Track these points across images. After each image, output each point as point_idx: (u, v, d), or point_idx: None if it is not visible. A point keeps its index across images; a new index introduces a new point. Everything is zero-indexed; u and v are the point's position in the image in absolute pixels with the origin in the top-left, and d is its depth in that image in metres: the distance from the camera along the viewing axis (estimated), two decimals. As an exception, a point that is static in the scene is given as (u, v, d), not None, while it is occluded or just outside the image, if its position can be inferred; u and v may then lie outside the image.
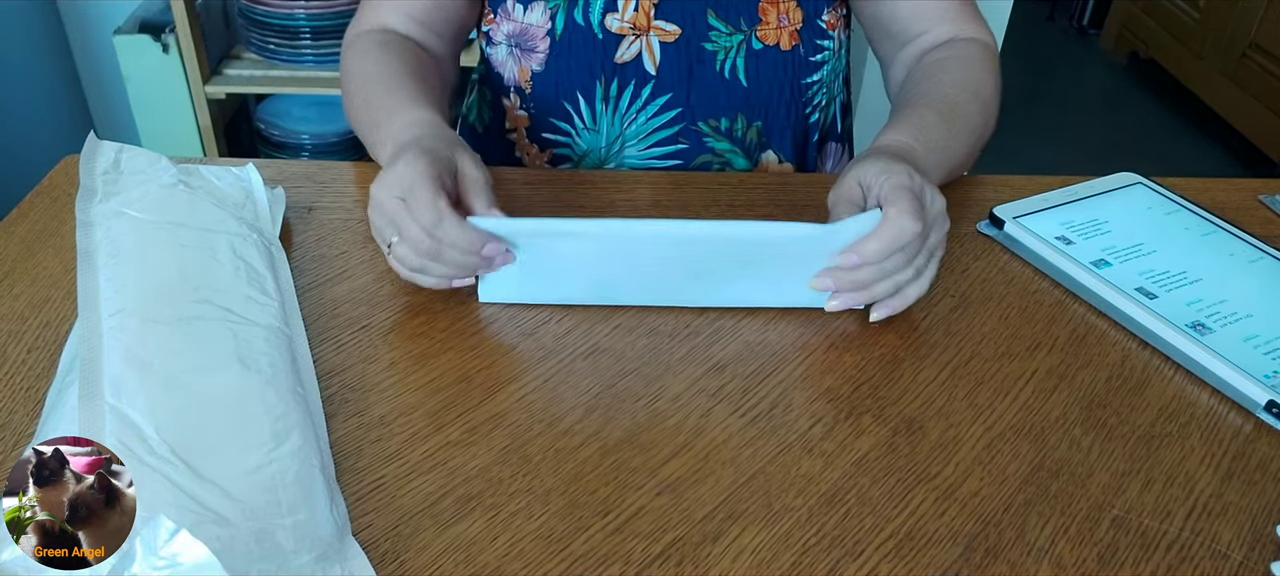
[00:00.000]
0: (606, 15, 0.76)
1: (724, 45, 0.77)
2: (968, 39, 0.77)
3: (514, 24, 0.79)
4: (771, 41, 0.78)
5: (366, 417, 0.52)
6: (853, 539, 0.47)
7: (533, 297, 0.61)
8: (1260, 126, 2.44)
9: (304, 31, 1.62)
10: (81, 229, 0.58)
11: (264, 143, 1.79)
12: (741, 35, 0.77)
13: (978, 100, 0.72)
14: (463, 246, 0.56)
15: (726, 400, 0.54)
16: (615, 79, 0.79)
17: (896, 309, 0.59)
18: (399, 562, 0.45)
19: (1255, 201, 0.76)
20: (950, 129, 0.68)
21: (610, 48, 0.77)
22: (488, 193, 0.59)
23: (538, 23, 0.78)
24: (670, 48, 0.77)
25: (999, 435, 0.53)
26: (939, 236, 0.59)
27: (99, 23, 1.82)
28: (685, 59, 0.78)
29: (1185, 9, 2.74)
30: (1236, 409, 0.56)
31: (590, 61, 0.78)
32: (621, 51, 0.78)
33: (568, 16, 0.77)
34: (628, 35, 0.77)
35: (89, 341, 0.49)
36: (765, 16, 0.77)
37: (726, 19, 0.77)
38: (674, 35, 0.77)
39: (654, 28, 0.77)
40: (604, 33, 0.77)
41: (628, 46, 0.77)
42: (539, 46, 0.79)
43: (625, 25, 0.77)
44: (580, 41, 0.77)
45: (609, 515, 0.47)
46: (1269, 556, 0.47)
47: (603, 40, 0.77)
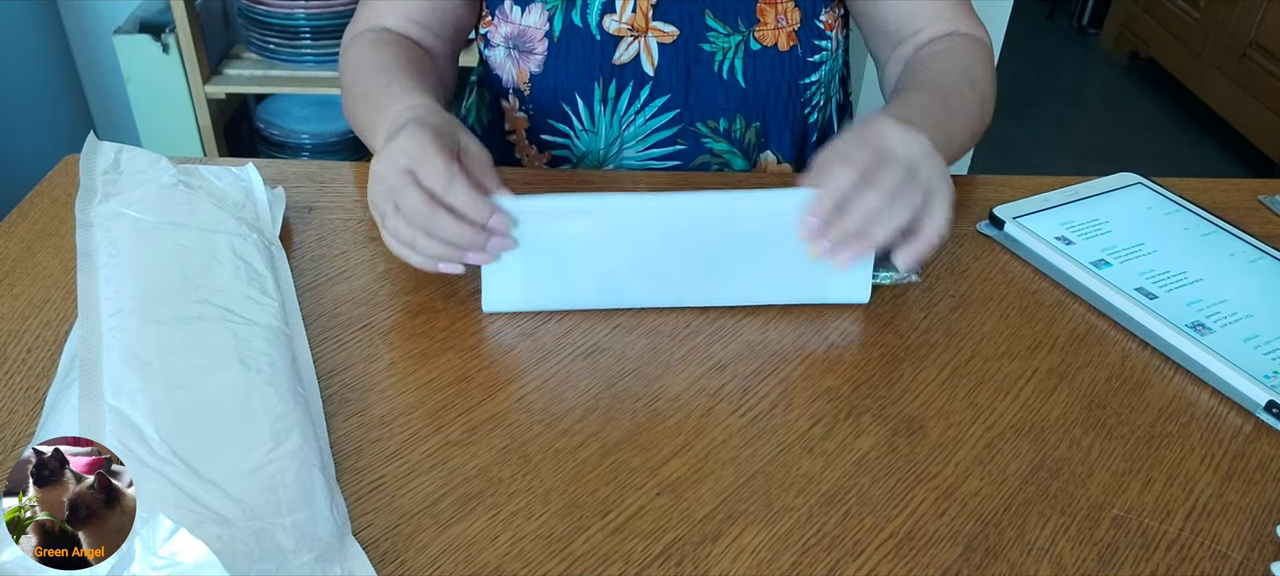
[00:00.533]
0: (604, 16, 0.76)
1: (722, 46, 0.77)
2: (963, 34, 0.77)
3: (512, 26, 0.79)
4: (769, 42, 0.78)
5: (366, 417, 0.52)
6: (853, 539, 0.47)
7: (537, 304, 0.60)
8: (1260, 126, 2.44)
9: (304, 31, 1.62)
10: (81, 229, 0.58)
11: (264, 142, 1.79)
12: (739, 36, 0.77)
13: (973, 89, 0.72)
14: (471, 213, 0.55)
15: (726, 400, 0.54)
16: (613, 80, 0.79)
17: (921, 252, 0.56)
18: (399, 562, 0.45)
19: (1255, 201, 0.76)
20: (945, 108, 0.68)
21: (608, 49, 0.77)
22: (494, 172, 0.59)
23: (536, 24, 0.78)
24: (668, 49, 0.77)
25: (999, 435, 0.53)
26: (930, 171, 0.56)
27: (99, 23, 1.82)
28: (683, 60, 0.78)
29: (1185, 9, 2.74)
30: (1236, 409, 0.56)
31: (589, 63, 0.78)
32: (619, 53, 0.78)
33: (566, 18, 0.77)
34: (625, 36, 0.77)
35: (89, 342, 0.49)
36: (763, 17, 0.77)
37: (724, 20, 0.77)
38: (672, 36, 0.77)
39: (652, 29, 0.77)
40: (602, 34, 0.77)
41: (626, 48, 0.77)
42: (537, 48, 0.79)
43: (623, 26, 0.77)
44: (578, 43, 0.77)
45: (609, 515, 0.47)
46: (1269, 556, 0.47)
47: (601, 42, 0.77)
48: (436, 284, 0.62)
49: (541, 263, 0.59)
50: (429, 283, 0.62)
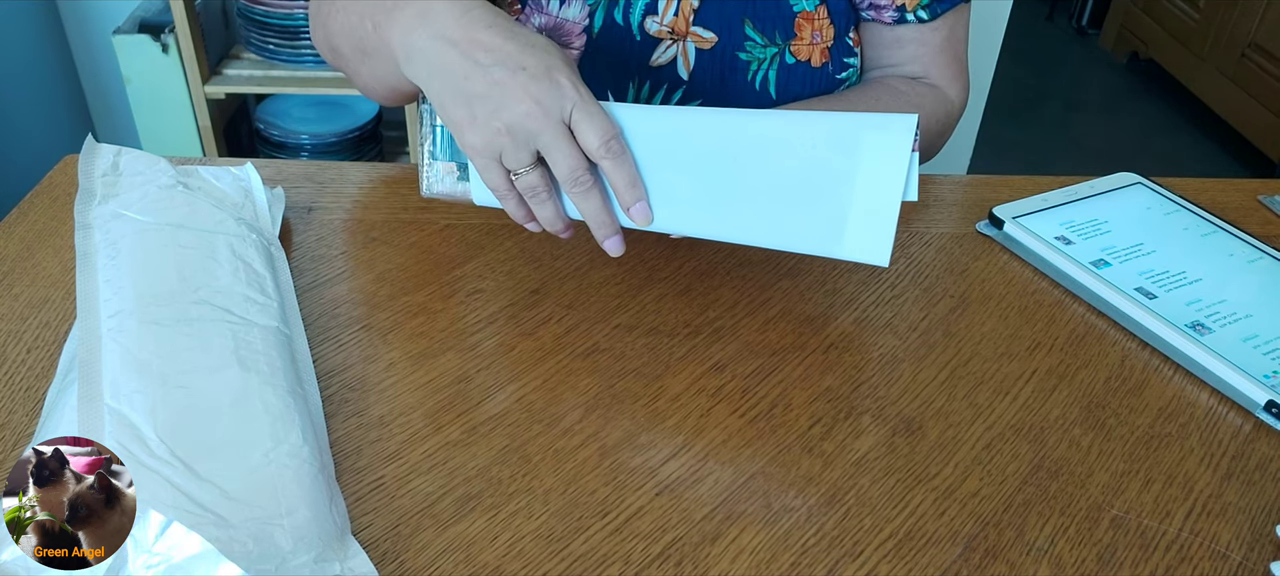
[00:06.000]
0: (646, 17, 0.76)
1: (758, 57, 0.77)
2: (931, 84, 0.77)
3: (547, 17, 0.77)
4: (804, 57, 0.77)
5: (366, 417, 0.52)
6: (852, 539, 0.47)
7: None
8: (1260, 126, 2.44)
9: (304, 31, 1.62)
10: (80, 231, 0.58)
11: (263, 142, 1.79)
12: (776, 49, 0.77)
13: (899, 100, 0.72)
14: (627, 194, 0.51)
15: (726, 400, 0.54)
16: (648, 82, 0.78)
17: None
18: (399, 562, 0.45)
19: (1255, 201, 0.76)
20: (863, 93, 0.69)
21: (647, 50, 0.77)
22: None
23: (574, 18, 0.76)
24: (705, 54, 0.77)
25: (998, 435, 0.53)
26: None
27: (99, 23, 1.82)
28: (718, 66, 0.77)
29: (1185, 9, 2.74)
30: (1236, 409, 0.56)
31: (625, 62, 0.77)
32: (658, 55, 0.77)
33: (607, 15, 0.76)
34: (666, 39, 0.76)
35: (88, 342, 0.49)
36: (800, 32, 0.77)
37: (763, 30, 0.76)
38: (711, 43, 0.76)
39: (691, 33, 0.76)
40: (642, 34, 0.76)
41: (664, 50, 0.77)
42: (575, 43, 0.77)
43: (664, 28, 0.76)
44: (618, 41, 0.76)
45: (608, 515, 0.47)
46: (1268, 556, 0.47)
47: (640, 42, 0.76)
48: (436, 284, 0.62)
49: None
50: (429, 282, 0.62)
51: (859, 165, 0.51)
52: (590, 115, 0.51)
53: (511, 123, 0.51)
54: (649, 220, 0.53)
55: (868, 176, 0.51)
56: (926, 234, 0.70)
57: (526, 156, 0.52)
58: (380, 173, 0.75)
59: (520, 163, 0.52)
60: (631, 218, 0.53)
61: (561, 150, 0.51)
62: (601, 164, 0.52)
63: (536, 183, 0.53)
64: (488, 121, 0.51)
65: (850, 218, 0.52)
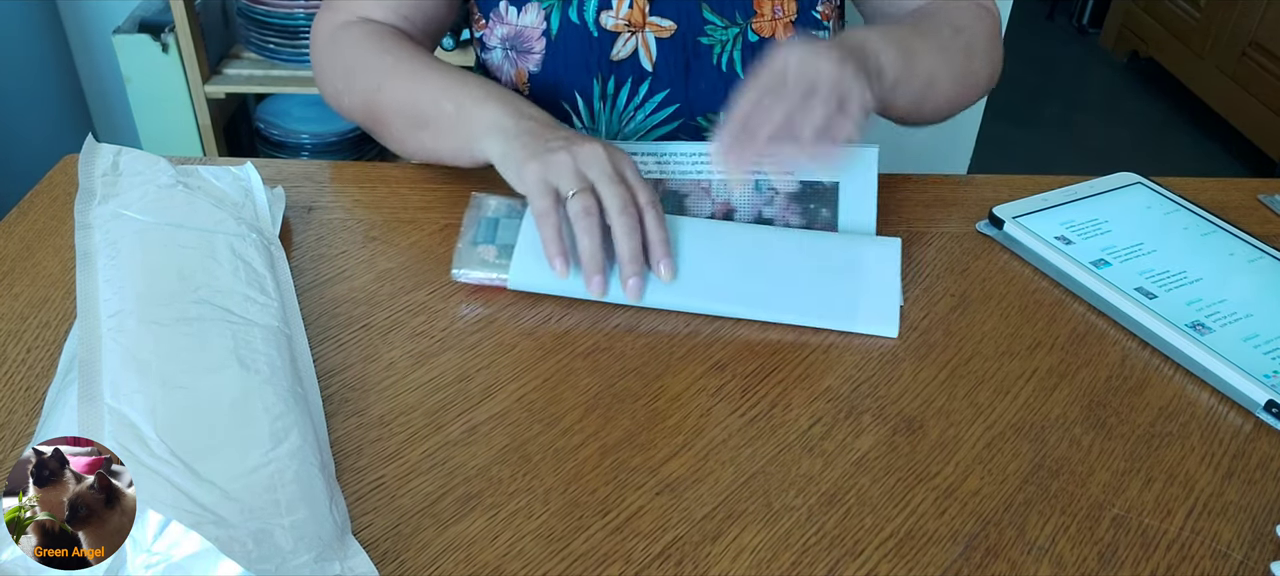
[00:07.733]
0: (601, 12, 0.76)
1: (720, 39, 0.77)
2: (963, 2, 0.75)
3: (508, 27, 0.79)
4: (768, 33, 0.78)
5: (366, 417, 0.52)
6: (852, 538, 0.47)
7: (564, 289, 0.60)
8: (1260, 126, 2.44)
9: (304, 31, 1.62)
10: (80, 231, 0.58)
11: (263, 142, 1.79)
12: (737, 28, 0.77)
13: (958, 34, 0.72)
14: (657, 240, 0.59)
15: (726, 400, 0.54)
16: (612, 77, 0.78)
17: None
18: (399, 562, 0.45)
19: (1255, 201, 0.76)
20: (914, 32, 0.69)
21: (606, 45, 0.77)
22: None
23: (532, 24, 0.78)
24: (666, 43, 0.77)
25: (999, 434, 0.53)
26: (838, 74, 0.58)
27: (99, 23, 1.82)
28: (681, 54, 0.78)
29: (1185, 8, 2.74)
30: (1236, 408, 0.56)
31: (587, 60, 0.78)
32: (617, 49, 0.77)
33: (563, 16, 0.77)
34: (623, 32, 0.77)
35: (88, 342, 0.49)
36: (760, 9, 0.77)
37: (721, 12, 0.77)
38: (669, 31, 0.77)
39: (649, 24, 0.77)
40: (599, 30, 0.77)
41: (624, 43, 0.77)
42: (535, 48, 0.79)
43: (620, 22, 0.77)
44: (576, 40, 0.77)
45: (609, 515, 0.47)
46: (1269, 556, 0.47)
47: (598, 38, 0.77)
48: (436, 283, 0.62)
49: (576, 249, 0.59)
50: (429, 282, 0.62)
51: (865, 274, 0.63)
52: (642, 179, 0.61)
53: (576, 154, 0.60)
54: (673, 275, 0.60)
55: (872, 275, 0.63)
56: (927, 233, 0.70)
57: (581, 182, 0.59)
58: (380, 172, 0.75)
59: (574, 186, 0.59)
60: (659, 273, 0.60)
61: (617, 186, 0.59)
62: (645, 214, 0.59)
63: (589, 205, 0.58)
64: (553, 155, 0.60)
65: (860, 300, 0.61)
